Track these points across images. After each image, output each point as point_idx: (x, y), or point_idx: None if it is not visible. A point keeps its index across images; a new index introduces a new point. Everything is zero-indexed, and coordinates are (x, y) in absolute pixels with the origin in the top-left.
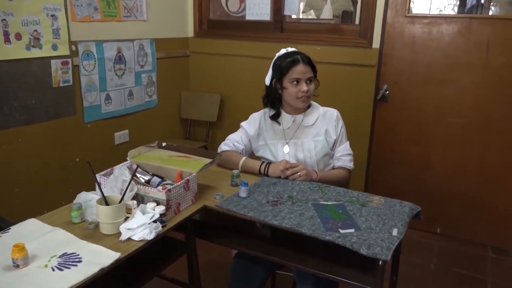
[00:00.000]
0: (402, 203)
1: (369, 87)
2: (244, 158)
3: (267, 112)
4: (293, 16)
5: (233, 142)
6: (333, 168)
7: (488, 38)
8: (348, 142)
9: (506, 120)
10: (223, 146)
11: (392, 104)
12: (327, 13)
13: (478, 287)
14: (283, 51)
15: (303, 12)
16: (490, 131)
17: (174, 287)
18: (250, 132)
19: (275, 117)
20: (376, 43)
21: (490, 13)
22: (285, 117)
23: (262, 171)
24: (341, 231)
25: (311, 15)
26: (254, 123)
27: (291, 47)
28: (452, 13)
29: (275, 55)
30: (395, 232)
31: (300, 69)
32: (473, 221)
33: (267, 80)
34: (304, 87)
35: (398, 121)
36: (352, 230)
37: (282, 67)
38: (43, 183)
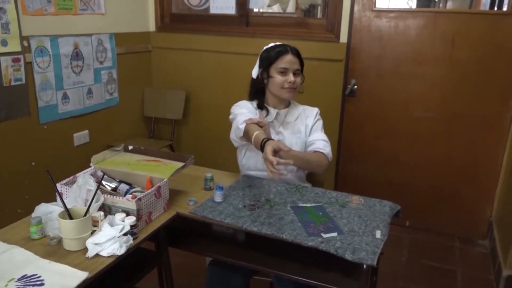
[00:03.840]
0: (382, 202)
1: (337, 82)
2: (257, 131)
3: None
4: (255, 10)
5: (247, 118)
6: None
7: (453, 32)
8: (324, 133)
9: (471, 114)
10: (241, 125)
11: (361, 99)
12: (290, 7)
13: (449, 278)
14: (272, 44)
15: (268, 6)
16: (455, 125)
17: None
18: (250, 113)
19: (261, 106)
20: (343, 38)
21: (447, 7)
22: (269, 110)
23: (261, 145)
24: (324, 235)
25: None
26: (247, 107)
27: (257, 41)
28: (411, 7)
29: (242, 50)
30: (378, 234)
31: (288, 59)
32: (440, 213)
33: (254, 73)
34: (291, 77)
35: (366, 116)
36: (335, 234)
37: (270, 56)
38: None
